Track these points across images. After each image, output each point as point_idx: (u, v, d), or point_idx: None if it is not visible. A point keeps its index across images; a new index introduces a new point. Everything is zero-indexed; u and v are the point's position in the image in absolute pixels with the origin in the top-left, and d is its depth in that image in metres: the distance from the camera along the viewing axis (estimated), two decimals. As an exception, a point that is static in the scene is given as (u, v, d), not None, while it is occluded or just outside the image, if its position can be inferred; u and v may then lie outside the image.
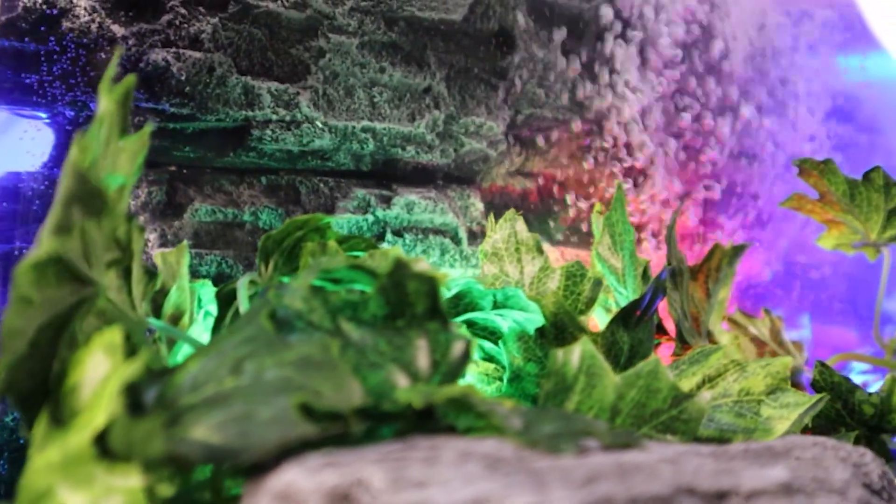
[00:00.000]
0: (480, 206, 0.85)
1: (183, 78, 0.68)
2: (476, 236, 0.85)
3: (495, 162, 0.86)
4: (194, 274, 0.72)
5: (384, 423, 0.49)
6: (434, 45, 0.81)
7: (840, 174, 0.77)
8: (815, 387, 0.69)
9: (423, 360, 0.52)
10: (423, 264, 0.57)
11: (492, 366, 0.72)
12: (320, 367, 0.50)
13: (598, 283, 0.72)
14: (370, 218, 0.77)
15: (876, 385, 1.00)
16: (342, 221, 0.75)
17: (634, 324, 0.69)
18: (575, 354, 0.55)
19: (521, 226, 0.74)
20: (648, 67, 0.98)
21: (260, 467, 0.40)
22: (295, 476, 0.39)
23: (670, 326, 0.77)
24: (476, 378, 0.73)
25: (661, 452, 0.49)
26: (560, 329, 0.68)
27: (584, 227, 0.98)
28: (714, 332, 0.81)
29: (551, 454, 0.45)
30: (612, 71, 0.97)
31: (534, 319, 0.67)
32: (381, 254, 0.57)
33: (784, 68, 1.15)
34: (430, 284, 0.52)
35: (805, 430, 0.73)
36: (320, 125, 0.72)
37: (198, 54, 0.69)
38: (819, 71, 1.22)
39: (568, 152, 0.94)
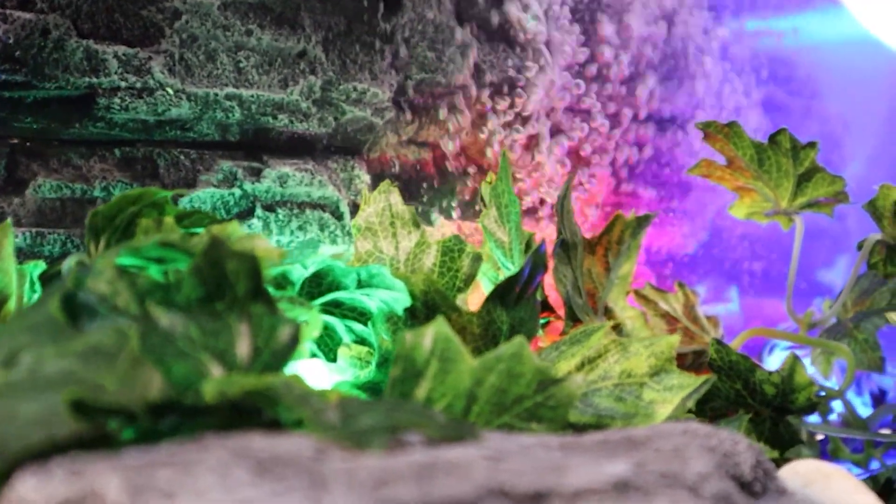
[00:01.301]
0: (367, 178, 0.80)
1: (11, 41, 0.62)
2: (362, 211, 0.79)
3: (383, 131, 0.81)
4: (36, 255, 0.67)
5: (196, 418, 0.44)
6: (309, 6, 0.76)
7: (746, 137, 0.72)
8: (712, 366, 0.65)
9: (243, 346, 0.48)
10: (254, 241, 0.52)
11: (365, 349, 0.67)
12: (110, 357, 0.45)
13: (477, 258, 0.67)
14: (237, 192, 0.72)
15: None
16: (204, 196, 0.70)
17: (514, 301, 0.64)
18: (427, 337, 0.50)
19: (395, 198, 0.69)
20: (554, 29, 0.93)
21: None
22: (28, 487, 0.34)
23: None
24: (349, 362, 0.68)
25: (496, 446, 0.45)
26: (431, 309, 0.64)
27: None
28: (615, 309, 0.76)
29: (359, 451, 0.40)
30: (512, 35, 0.92)
31: (402, 299, 0.62)
32: (211, 231, 0.52)
33: (709, 30, 1.10)
34: (251, 263, 0.48)
35: (703, 415, 0.69)
36: (172, 92, 0.67)
37: (28, 15, 0.64)
38: (747, 34, 1.17)
39: (467, 120, 0.88)
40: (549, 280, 0.69)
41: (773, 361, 0.98)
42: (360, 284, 0.63)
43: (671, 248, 1.05)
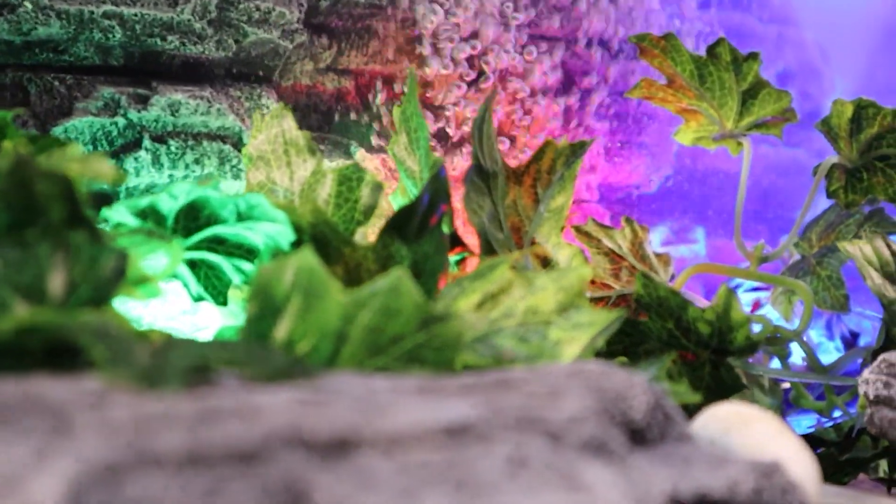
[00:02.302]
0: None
1: None
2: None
3: (296, 56, 0.74)
4: None
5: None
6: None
7: (685, 51, 0.65)
8: (640, 303, 0.59)
9: (55, 280, 0.42)
10: (85, 162, 0.46)
11: (256, 292, 0.61)
12: None
13: (377, 187, 0.61)
14: (121, 122, 0.65)
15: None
16: (81, 126, 0.64)
17: (415, 234, 0.58)
18: (288, 268, 0.44)
19: (289, 123, 0.62)
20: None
21: None
22: None
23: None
24: (241, 306, 0.62)
25: (329, 389, 0.39)
26: (323, 244, 0.57)
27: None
28: (545, 246, 0.70)
29: (150, 391, 0.34)
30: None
31: (284, 233, 0.56)
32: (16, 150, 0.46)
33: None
34: (64, 185, 0.42)
35: (636, 357, 0.63)
36: (31, 7, 0.60)
37: None
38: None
39: (393, 46, 0.82)
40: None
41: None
42: (241, 217, 0.57)
43: (628, 185, 0.98)
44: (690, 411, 0.57)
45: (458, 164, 0.85)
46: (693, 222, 1.06)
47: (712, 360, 0.62)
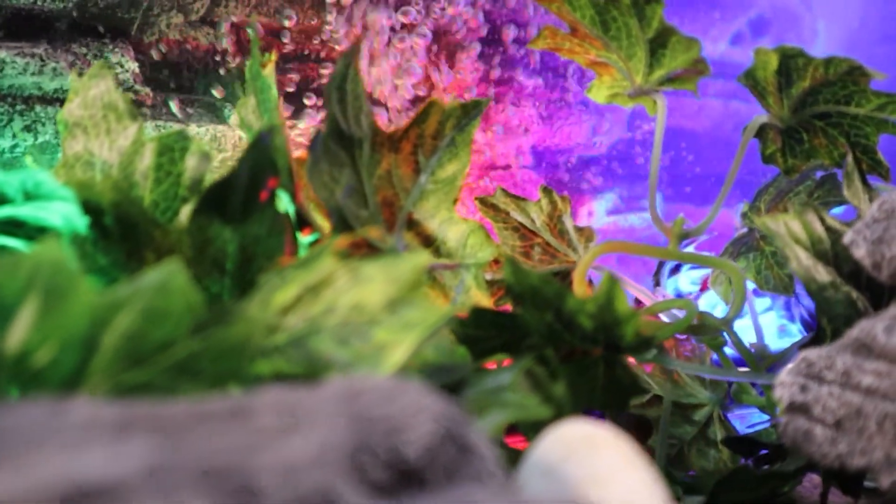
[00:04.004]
0: (133, 66, 0.65)
1: None
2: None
3: (159, 7, 0.65)
4: None
5: None
6: None
7: (582, -7, 0.56)
8: (511, 292, 0.50)
9: None
10: None
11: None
12: None
13: (205, 157, 0.52)
14: (-72, 84, 0.57)
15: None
16: None
17: (240, 213, 0.49)
18: (25, 263, 0.37)
19: (107, 83, 0.54)
20: None
21: None
22: None
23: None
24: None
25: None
26: (128, 226, 0.49)
27: (309, 99, 0.77)
28: (428, 223, 0.61)
29: None
30: None
31: (71, 213, 0.48)
32: None
33: None
34: None
35: (519, 354, 0.55)
36: None
37: None
38: None
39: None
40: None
41: (683, 283, 0.82)
42: (28, 196, 0.49)
43: (568, 147, 0.89)
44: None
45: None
46: (647, 188, 0.97)
47: (606, 358, 0.54)
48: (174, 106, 0.68)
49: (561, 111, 0.88)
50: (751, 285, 0.77)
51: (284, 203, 0.55)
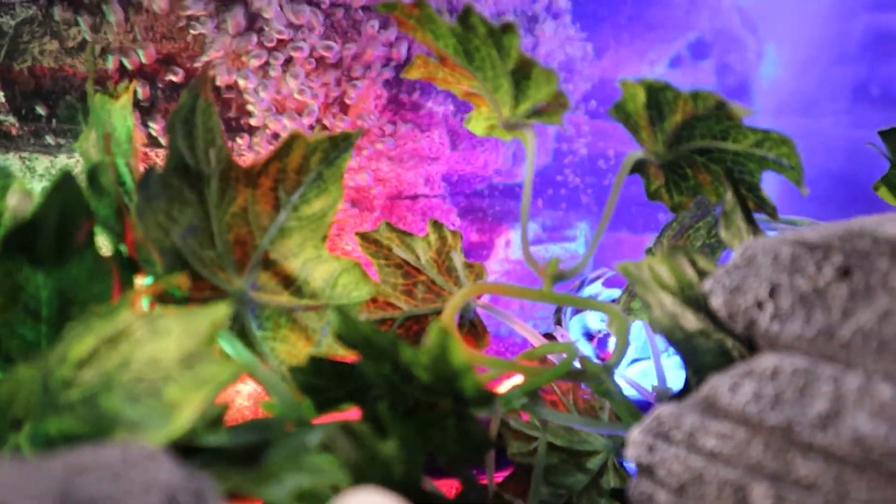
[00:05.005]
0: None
1: None
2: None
3: (29, 34, 0.63)
4: None
5: None
6: None
7: (441, 23, 0.54)
8: (342, 341, 0.48)
9: None
10: None
11: None
12: None
13: (26, 195, 0.50)
14: None
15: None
16: None
17: (54, 256, 0.47)
18: None
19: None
20: None
21: None
22: None
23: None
24: None
25: None
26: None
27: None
28: (286, 261, 0.58)
29: None
30: None
31: None
32: None
33: None
34: None
35: (366, 405, 0.52)
36: None
37: None
38: None
39: (166, 22, 0.70)
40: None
41: (591, 320, 0.79)
42: None
43: (488, 175, 0.86)
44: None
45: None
46: (574, 217, 0.94)
47: (457, 411, 0.51)
48: (50, 136, 0.66)
49: (475, 138, 0.86)
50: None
51: (112, 245, 0.52)
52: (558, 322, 0.74)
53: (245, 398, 0.74)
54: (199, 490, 0.33)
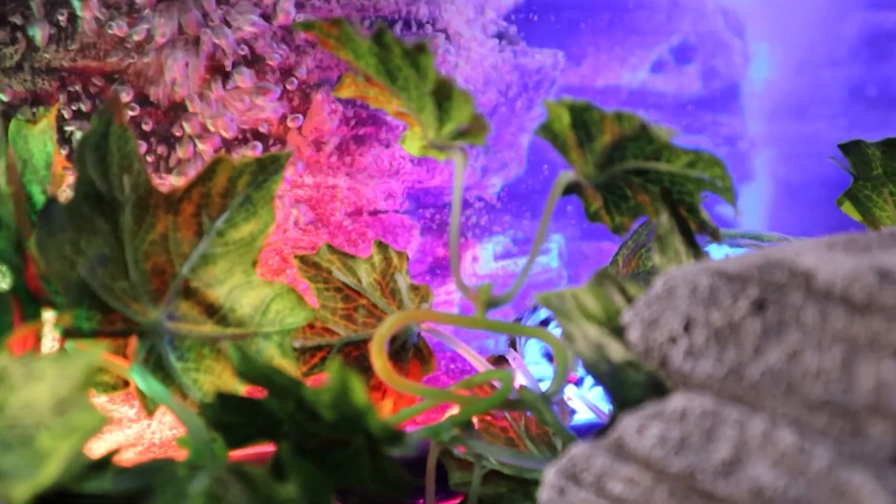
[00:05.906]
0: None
1: None
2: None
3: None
4: None
5: None
6: None
7: (360, 42, 0.52)
8: (241, 378, 0.46)
9: None
10: None
11: None
12: None
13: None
14: None
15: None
16: None
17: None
18: None
19: None
20: None
21: None
22: None
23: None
24: None
25: None
26: None
27: (159, 149, 0.74)
28: (210, 289, 0.57)
29: None
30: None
31: None
32: None
33: None
34: None
35: (280, 441, 0.50)
36: None
37: None
38: None
39: (110, 41, 0.69)
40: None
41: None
42: None
43: (448, 189, 0.84)
44: None
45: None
46: (548, 231, 0.92)
47: (372, 449, 0.49)
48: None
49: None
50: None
51: (12, 279, 0.51)
52: (512, 344, 0.72)
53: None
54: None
